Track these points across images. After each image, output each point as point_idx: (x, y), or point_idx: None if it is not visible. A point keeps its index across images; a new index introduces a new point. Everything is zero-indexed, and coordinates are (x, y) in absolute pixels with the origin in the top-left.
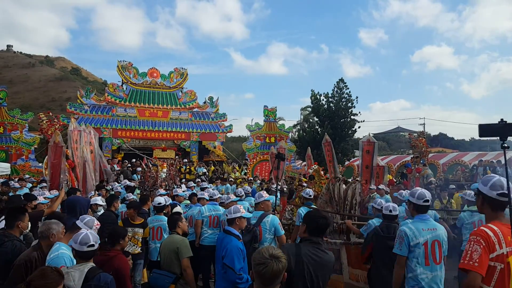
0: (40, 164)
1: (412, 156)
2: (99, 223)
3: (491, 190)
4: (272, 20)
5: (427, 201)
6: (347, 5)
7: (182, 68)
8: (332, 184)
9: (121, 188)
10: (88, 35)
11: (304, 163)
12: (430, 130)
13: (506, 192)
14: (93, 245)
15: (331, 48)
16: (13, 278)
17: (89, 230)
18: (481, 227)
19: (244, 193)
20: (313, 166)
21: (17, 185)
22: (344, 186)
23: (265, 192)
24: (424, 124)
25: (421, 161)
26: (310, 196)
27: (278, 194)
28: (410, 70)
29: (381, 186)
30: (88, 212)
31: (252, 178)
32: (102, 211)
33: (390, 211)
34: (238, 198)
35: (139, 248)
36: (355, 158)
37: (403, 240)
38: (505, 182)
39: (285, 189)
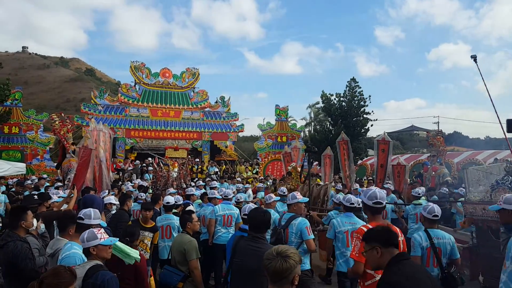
0: (55, 163)
1: (428, 154)
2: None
3: (368, 200)
4: (288, 19)
5: (353, 203)
6: (364, 3)
7: (194, 68)
8: (306, 185)
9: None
10: (105, 36)
11: (316, 162)
12: (445, 128)
13: (380, 200)
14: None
15: (346, 47)
16: None
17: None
18: (361, 227)
19: (236, 190)
20: (292, 164)
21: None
22: (317, 187)
23: (299, 193)
24: (438, 122)
25: (438, 160)
26: (284, 193)
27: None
28: (426, 68)
29: (387, 186)
30: (102, 211)
31: (263, 178)
32: (115, 210)
33: (352, 203)
34: (279, 198)
35: (148, 254)
36: (368, 157)
37: (331, 228)
38: (379, 193)
39: (269, 183)
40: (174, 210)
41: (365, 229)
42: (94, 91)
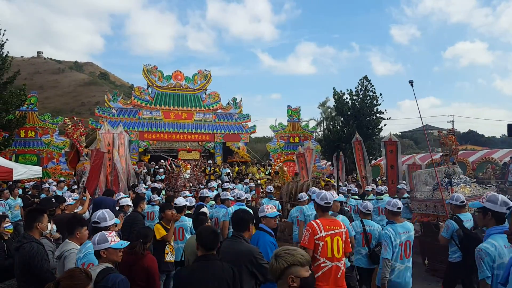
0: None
1: (441, 154)
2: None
3: (320, 200)
4: (302, 20)
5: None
6: (379, 2)
7: (206, 70)
8: (291, 182)
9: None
10: (121, 40)
11: (329, 163)
12: (460, 127)
13: (329, 201)
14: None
15: (361, 46)
16: None
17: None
18: (311, 222)
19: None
20: (279, 164)
21: (54, 187)
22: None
23: (335, 192)
24: (452, 121)
25: (450, 159)
26: (271, 190)
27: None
28: (442, 67)
29: (401, 186)
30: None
31: None
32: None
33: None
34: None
35: (173, 257)
36: (381, 157)
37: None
38: (329, 195)
39: (259, 181)
40: (187, 212)
41: (314, 224)
42: (108, 94)
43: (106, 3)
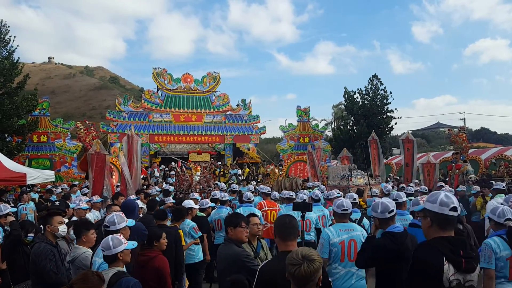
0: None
1: (452, 152)
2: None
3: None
4: (322, 19)
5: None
6: (400, 1)
7: (215, 72)
8: (280, 180)
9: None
10: (142, 44)
11: (336, 162)
12: (472, 125)
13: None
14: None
15: (382, 45)
16: None
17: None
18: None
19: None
20: (270, 167)
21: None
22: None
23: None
24: (464, 119)
25: (461, 157)
26: (269, 191)
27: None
28: (461, 64)
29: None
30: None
31: None
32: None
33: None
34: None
35: None
36: (393, 156)
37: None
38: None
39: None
40: (201, 214)
41: None
42: (119, 98)
43: (132, 8)
